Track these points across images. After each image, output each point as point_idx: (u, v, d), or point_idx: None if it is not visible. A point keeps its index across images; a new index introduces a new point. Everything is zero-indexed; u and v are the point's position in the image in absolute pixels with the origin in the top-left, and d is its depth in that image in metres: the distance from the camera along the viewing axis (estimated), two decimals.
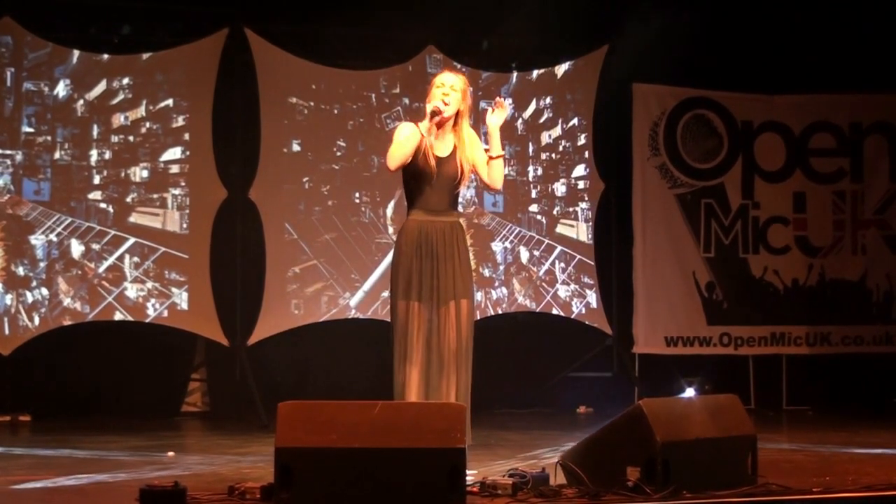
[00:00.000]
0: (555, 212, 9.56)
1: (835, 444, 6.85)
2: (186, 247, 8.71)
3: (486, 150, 5.37)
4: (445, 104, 5.26)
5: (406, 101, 9.13)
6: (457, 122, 5.34)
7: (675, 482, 4.40)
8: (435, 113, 5.23)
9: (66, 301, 8.48)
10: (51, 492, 4.99)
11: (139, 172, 8.68)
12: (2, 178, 8.45)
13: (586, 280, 9.58)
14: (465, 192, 5.49)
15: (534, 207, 9.53)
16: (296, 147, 8.97)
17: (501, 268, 9.43)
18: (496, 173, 5.36)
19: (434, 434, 4.18)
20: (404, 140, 5.23)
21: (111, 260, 8.58)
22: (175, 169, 8.74)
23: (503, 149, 5.37)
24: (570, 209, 9.62)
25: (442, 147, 5.31)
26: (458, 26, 9.03)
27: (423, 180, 5.28)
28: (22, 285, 8.44)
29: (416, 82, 8.97)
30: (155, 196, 8.70)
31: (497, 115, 5.32)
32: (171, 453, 6.46)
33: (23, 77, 8.51)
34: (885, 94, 9.82)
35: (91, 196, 8.60)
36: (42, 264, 8.48)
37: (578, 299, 9.57)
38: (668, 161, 9.68)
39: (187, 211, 8.74)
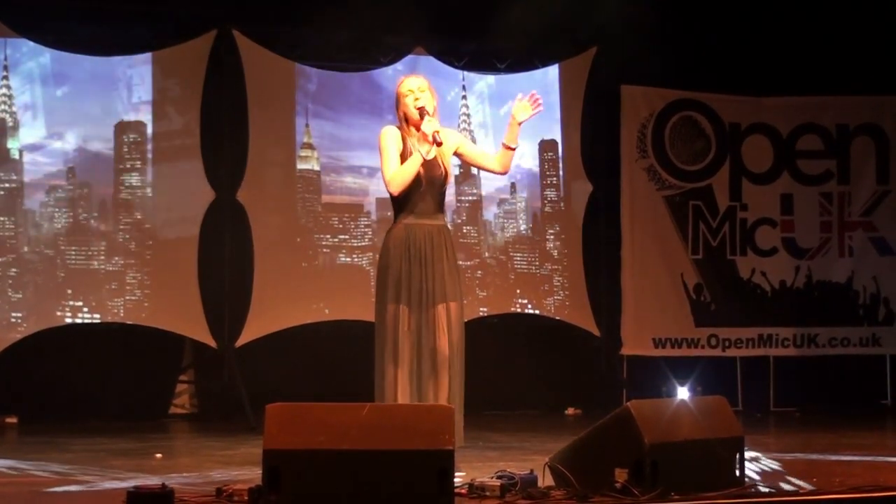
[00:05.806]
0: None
1: (822, 446, 6.86)
2: (174, 248, 8.68)
3: (504, 143, 5.35)
4: (429, 113, 5.26)
5: (393, 102, 9.10)
6: None
7: (663, 484, 4.41)
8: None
9: (53, 302, 8.45)
10: (38, 494, 4.97)
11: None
12: None
13: (575, 281, 9.57)
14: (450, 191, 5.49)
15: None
16: (284, 148, 8.95)
17: (490, 269, 9.42)
18: (507, 160, 5.37)
19: (422, 436, 4.18)
20: (409, 167, 5.22)
21: (98, 261, 8.54)
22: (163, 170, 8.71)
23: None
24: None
25: (424, 150, 5.30)
26: (446, 27, 9.02)
27: (410, 185, 5.27)
28: (8, 287, 8.41)
29: None
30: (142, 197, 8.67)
31: (526, 113, 5.28)
32: (158, 455, 6.44)
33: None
34: (872, 96, 9.85)
35: None
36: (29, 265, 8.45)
37: (567, 301, 9.57)
38: (656, 163, 9.69)
39: (175, 212, 8.71)
